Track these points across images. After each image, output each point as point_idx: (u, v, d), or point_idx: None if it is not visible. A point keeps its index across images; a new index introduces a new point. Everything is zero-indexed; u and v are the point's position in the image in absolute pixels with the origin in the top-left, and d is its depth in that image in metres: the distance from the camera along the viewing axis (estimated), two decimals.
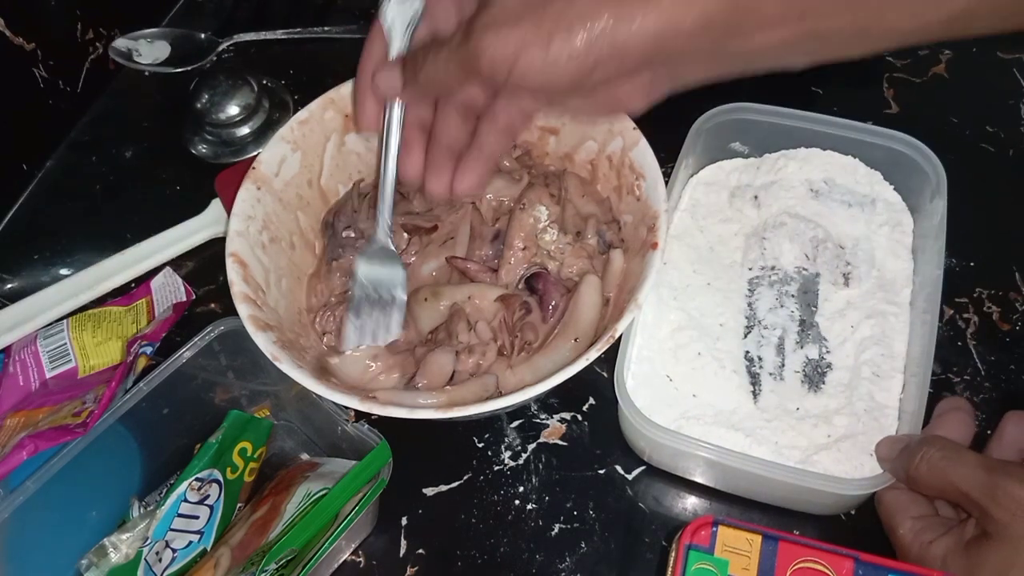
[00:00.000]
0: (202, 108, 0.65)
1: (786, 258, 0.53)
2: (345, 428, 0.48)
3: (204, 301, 0.61)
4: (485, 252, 0.52)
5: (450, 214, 0.53)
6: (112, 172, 0.69)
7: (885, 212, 0.54)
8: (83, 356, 0.55)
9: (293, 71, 0.73)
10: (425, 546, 0.50)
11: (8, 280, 0.63)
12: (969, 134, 0.63)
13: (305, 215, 0.55)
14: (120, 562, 0.47)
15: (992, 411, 0.52)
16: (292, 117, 0.54)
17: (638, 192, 0.51)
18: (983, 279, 0.57)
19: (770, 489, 0.48)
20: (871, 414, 0.47)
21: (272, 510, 0.47)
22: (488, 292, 0.49)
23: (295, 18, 0.76)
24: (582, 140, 0.55)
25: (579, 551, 0.50)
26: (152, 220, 0.63)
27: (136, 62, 0.73)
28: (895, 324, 0.50)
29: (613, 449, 0.52)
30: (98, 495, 0.49)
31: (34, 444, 0.46)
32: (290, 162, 0.53)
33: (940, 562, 0.40)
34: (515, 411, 0.54)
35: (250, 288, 0.47)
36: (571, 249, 0.50)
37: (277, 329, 0.47)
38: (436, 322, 0.49)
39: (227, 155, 0.67)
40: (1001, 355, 0.54)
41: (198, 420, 0.52)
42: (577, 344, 0.47)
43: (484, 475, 0.52)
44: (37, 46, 0.66)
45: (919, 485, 0.41)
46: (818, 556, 0.35)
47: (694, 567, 0.36)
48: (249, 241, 0.50)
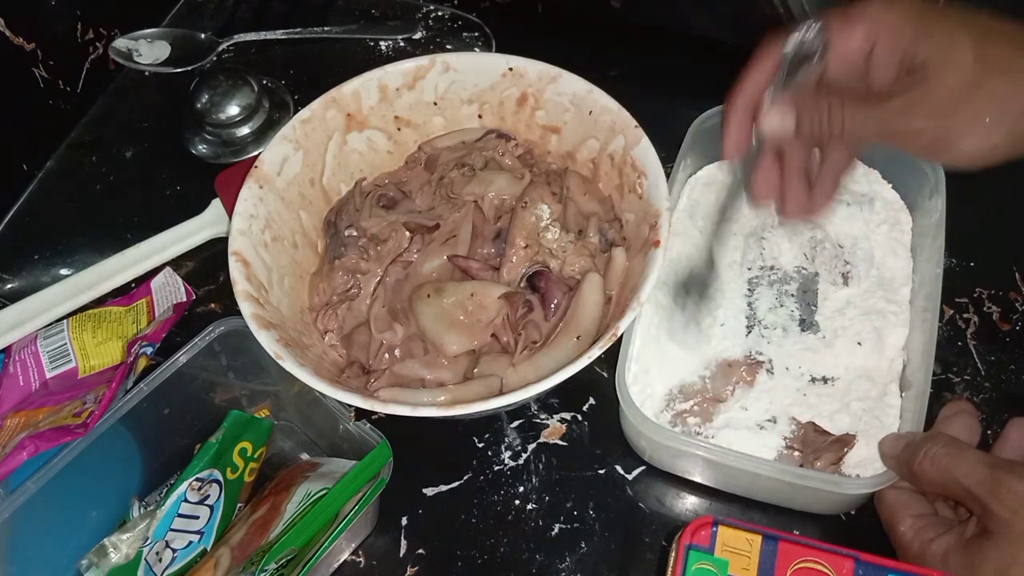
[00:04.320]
0: (202, 108, 0.65)
1: (785, 258, 0.54)
2: (347, 427, 0.48)
3: (204, 301, 0.61)
4: (487, 250, 0.52)
5: (452, 212, 0.53)
6: (112, 172, 0.69)
7: (883, 211, 0.54)
8: (83, 356, 0.55)
9: (293, 71, 0.73)
10: (425, 546, 0.50)
11: (8, 280, 0.63)
12: None
13: (307, 214, 0.55)
14: (120, 562, 0.47)
15: (992, 411, 0.52)
16: (294, 116, 0.54)
17: (640, 190, 0.51)
18: (983, 279, 0.57)
19: (770, 489, 0.48)
20: (871, 413, 0.47)
21: (272, 510, 0.47)
22: (491, 290, 0.49)
23: (295, 18, 0.76)
24: (584, 139, 0.55)
25: (579, 551, 0.50)
26: (152, 220, 0.63)
27: (136, 62, 0.73)
28: (895, 322, 0.50)
29: (613, 449, 0.52)
30: (98, 495, 0.49)
31: (34, 444, 0.46)
32: (292, 161, 0.53)
33: (940, 560, 0.40)
34: (515, 411, 0.54)
35: (253, 287, 0.48)
36: (573, 247, 0.51)
37: (280, 327, 0.47)
38: (438, 320, 0.49)
39: (227, 155, 0.67)
40: (1001, 355, 0.54)
41: (198, 420, 0.52)
42: (579, 342, 0.47)
43: (484, 475, 0.52)
44: (37, 46, 0.66)
45: (922, 482, 0.41)
46: (818, 556, 0.35)
47: (694, 567, 0.36)
48: (252, 240, 0.50)
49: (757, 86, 0.44)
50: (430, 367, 0.49)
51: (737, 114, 0.45)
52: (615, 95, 0.52)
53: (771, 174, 0.46)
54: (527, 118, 0.57)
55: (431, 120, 0.58)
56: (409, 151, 0.59)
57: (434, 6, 0.75)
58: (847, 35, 0.42)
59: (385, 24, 0.74)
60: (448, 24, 0.74)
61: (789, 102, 0.42)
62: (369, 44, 0.73)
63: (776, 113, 0.43)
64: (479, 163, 0.55)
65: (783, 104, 0.42)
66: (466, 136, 0.58)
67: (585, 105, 0.53)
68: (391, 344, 0.50)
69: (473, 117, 0.58)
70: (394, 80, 0.55)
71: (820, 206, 0.46)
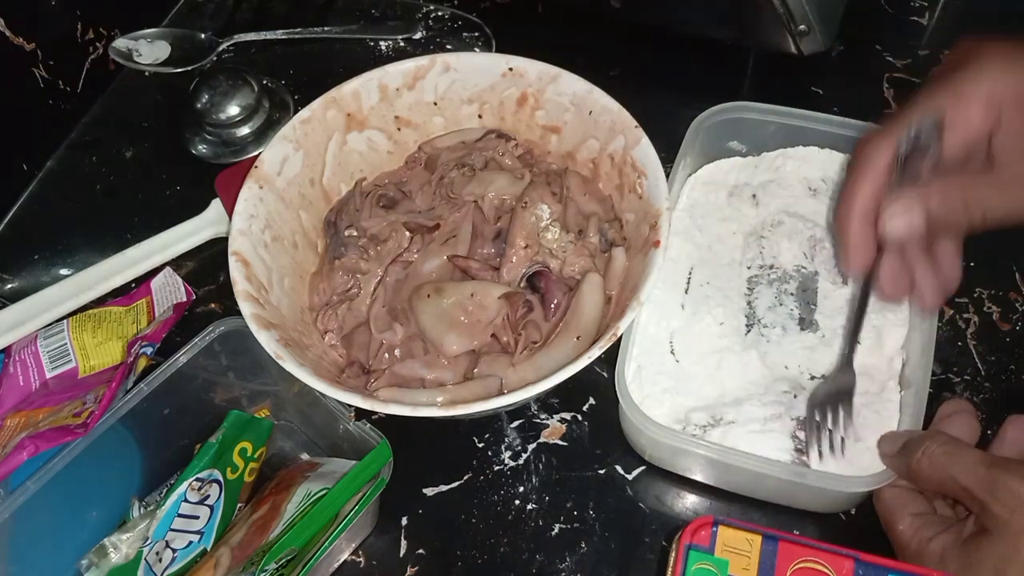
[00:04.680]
0: (202, 108, 0.65)
1: (785, 256, 0.54)
2: (347, 427, 0.48)
3: (204, 301, 0.61)
4: (487, 251, 0.52)
5: (452, 212, 0.53)
6: (112, 172, 0.69)
7: None
8: (83, 356, 0.55)
9: (293, 71, 0.73)
10: (425, 546, 0.50)
11: (8, 280, 0.63)
12: None
13: (307, 214, 0.55)
14: (120, 562, 0.47)
15: (992, 411, 0.52)
16: (294, 116, 0.54)
17: (640, 190, 0.51)
18: (983, 279, 0.57)
19: (770, 487, 0.48)
20: (870, 411, 0.47)
21: (272, 510, 0.47)
22: (492, 290, 0.49)
23: (295, 18, 0.76)
24: (584, 139, 0.55)
25: (579, 551, 0.50)
26: (152, 220, 0.63)
27: (136, 62, 0.73)
28: (894, 321, 0.50)
29: (613, 449, 0.52)
30: (98, 495, 0.49)
31: (34, 445, 0.46)
32: (292, 161, 0.53)
33: (938, 558, 0.40)
34: (515, 411, 0.54)
35: (253, 287, 0.48)
36: (573, 247, 0.51)
37: (280, 327, 0.47)
38: (438, 320, 0.49)
39: (227, 155, 0.67)
40: (1001, 355, 0.54)
41: (198, 420, 0.52)
42: (579, 342, 0.47)
43: (484, 475, 0.52)
44: (37, 46, 0.66)
45: (920, 480, 0.41)
46: (818, 556, 0.35)
47: (694, 567, 0.36)
48: (252, 240, 0.50)
49: (871, 192, 0.42)
50: (430, 367, 0.49)
51: (857, 226, 0.42)
52: (615, 95, 0.52)
53: (900, 272, 0.44)
54: (527, 118, 0.57)
55: (431, 120, 0.58)
56: (409, 151, 0.59)
57: (434, 6, 0.75)
58: (964, 119, 0.39)
59: (385, 24, 0.74)
60: (448, 24, 0.74)
61: (916, 199, 0.40)
62: (369, 44, 0.73)
63: (903, 214, 0.40)
64: (479, 163, 0.55)
65: (907, 202, 0.40)
66: (466, 136, 0.58)
67: (585, 105, 0.53)
68: (391, 344, 0.50)
69: (473, 117, 0.58)
70: (394, 80, 0.55)
71: (953, 280, 0.44)
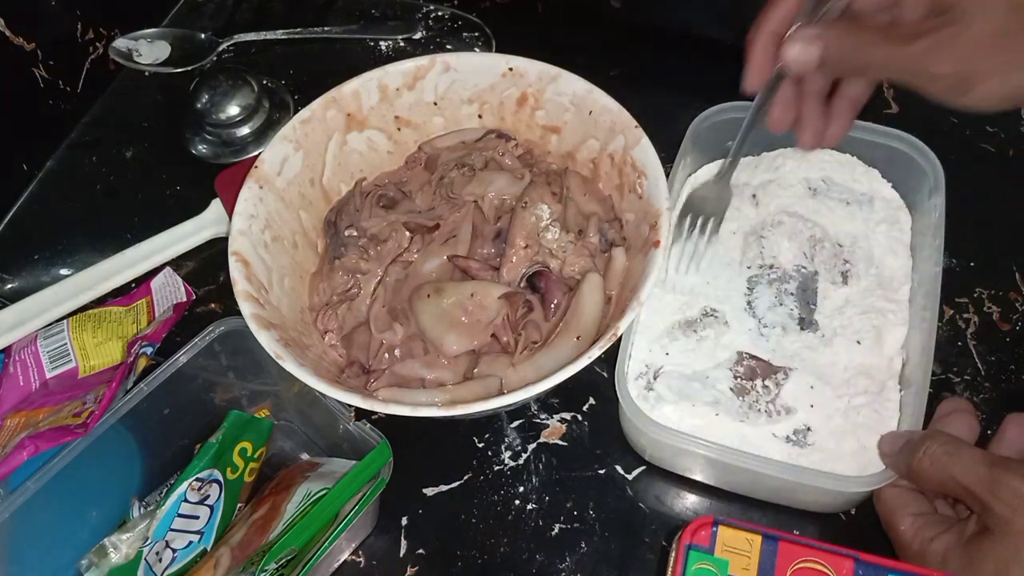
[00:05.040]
0: (202, 108, 0.65)
1: (784, 256, 0.53)
2: (347, 427, 0.48)
3: (204, 301, 0.61)
4: (487, 251, 0.52)
5: (452, 212, 0.53)
6: (112, 172, 0.69)
7: (883, 210, 0.54)
8: (83, 356, 0.55)
9: (293, 71, 0.73)
10: (425, 546, 0.50)
11: (8, 280, 0.63)
12: (969, 134, 0.63)
13: (307, 214, 0.55)
14: (120, 562, 0.47)
15: (992, 411, 0.52)
16: (294, 116, 0.54)
17: (640, 190, 0.51)
18: (983, 279, 0.57)
19: (770, 486, 0.48)
20: (870, 410, 0.47)
21: (272, 510, 0.47)
22: (492, 289, 0.49)
23: (295, 18, 0.76)
24: (584, 139, 0.55)
25: (579, 551, 0.50)
26: (152, 220, 0.63)
27: (136, 62, 0.73)
28: (894, 321, 0.50)
29: (613, 449, 0.52)
30: (98, 495, 0.49)
31: (34, 444, 0.46)
32: (292, 161, 0.53)
33: (940, 559, 0.40)
34: (515, 411, 0.54)
35: (253, 287, 0.48)
36: (573, 247, 0.51)
37: (280, 327, 0.47)
38: (438, 320, 0.49)
39: (227, 155, 0.67)
40: (1001, 355, 0.54)
41: (198, 420, 0.52)
42: (579, 342, 0.47)
43: (484, 475, 0.52)
44: (37, 46, 0.66)
45: (920, 480, 0.41)
46: (818, 556, 0.35)
47: (694, 567, 0.36)
48: (252, 240, 0.50)
49: (782, 17, 0.44)
50: (430, 367, 0.49)
51: (761, 44, 0.44)
52: (615, 95, 0.52)
53: (790, 103, 0.47)
54: (527, 118, 0.57)
55: (431, 120, 0.58)
56: (409, 151, 0.59)
57: (434, 6, 0.75)
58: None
59: (385, 24, 0.74)
60: (448, 24, 0.74)
61: (815, 33, 0.42)
62: (369, 44, 0.73)
63: (801, 44, 0.42)
64: (479, 163, 0.55)
65: (808, 35, 0.42)
66: (466, 136, 0.58)
67: (585, 105, 0.53)
68: (391, 344, 0.50)
69: (473, 117, 0.58)
70: (394, 80, 0.55)
71: (836, 136, 0.47)
